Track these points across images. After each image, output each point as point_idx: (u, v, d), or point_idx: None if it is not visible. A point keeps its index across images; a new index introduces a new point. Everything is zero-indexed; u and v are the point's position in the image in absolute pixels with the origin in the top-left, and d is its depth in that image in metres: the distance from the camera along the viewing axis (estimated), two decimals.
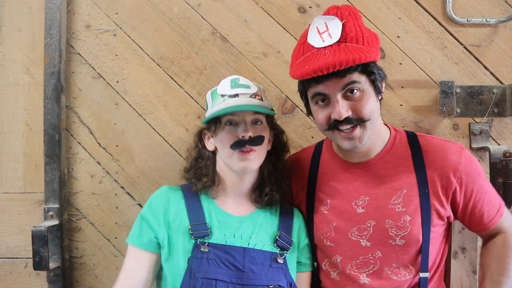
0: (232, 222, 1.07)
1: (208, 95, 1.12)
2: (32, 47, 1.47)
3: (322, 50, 0.94)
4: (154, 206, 1.09)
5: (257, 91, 1.08)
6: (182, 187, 1.15)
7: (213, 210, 1.09)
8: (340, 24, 0.94)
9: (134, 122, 1.47)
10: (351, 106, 0.96)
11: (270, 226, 1.11)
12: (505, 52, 1.43)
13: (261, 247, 1.05)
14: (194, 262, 1.00)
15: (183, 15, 1.47)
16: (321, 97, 0.99)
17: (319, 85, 0.96)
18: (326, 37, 0.94)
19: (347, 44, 0.93)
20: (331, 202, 1.11)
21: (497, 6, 1.43)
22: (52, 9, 1.42)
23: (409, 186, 1.04)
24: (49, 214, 1.40)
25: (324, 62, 0.90)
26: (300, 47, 1.01)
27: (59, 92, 1.42)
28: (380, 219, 1.04)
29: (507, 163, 1.32)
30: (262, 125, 1.07)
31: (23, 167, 1.46)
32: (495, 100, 1.41)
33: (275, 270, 1.03)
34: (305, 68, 0.93)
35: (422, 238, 1.02)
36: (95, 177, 1.47)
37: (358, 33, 0.94)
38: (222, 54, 1.46)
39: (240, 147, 1.02)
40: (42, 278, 1.43)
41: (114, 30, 1.48)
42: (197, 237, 1.02)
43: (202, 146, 1.14)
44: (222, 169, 1.11)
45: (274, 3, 1.46)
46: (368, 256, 1.06)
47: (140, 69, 1.47)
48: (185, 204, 1.08)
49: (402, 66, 1.44)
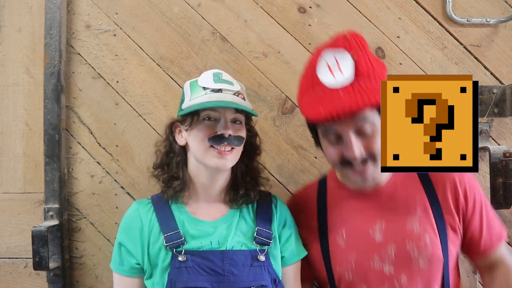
0: (206, 228, 1.04)
1: (187, 86, 1.07)
2: (32, 47, 1.47)
3: (336, 92, 0.92)
4: (128, 229, 1.06)
5: (239, 90, 1.05)
6: (152, 198, 1.11)
7: (185, 218, 1.05)
8: (351, 60, 0.93)
9: (134, 122, 1.47)
10: (364, 143, 0.95)
11: (247, 223, 1.07)
12: (505, 52, 1.43)
13: (240, 247, 1.02)
14: (173, 272, 0.98)
15: (183, 15, 1.47)
16: (333, 136, 0.98)
17: (332, 125, 0.95)
18: (337, 74, 0.93)
19: (360, 83, 0.91)
20: (346, 232, 1.07)
21: (497, 6, 1.43)
22: (52, 9, 1.42)
23: (422, 204, 1.03)
24: (49, 214, 1.40)
25: (340, 107, 0.89)
26: (308, 79, 0.99)
27: (59, 92, 1.42)
28: (400, 241, 1.01)
29: (507, 163, 1.32)
30: (241, 125, 1.05)
31: (23, 167, 1.46)
32: (495, 100, 1.41)
33: (257, 268, 1.00)
34: (320, 112, 0.91)
35: (443, 258, 1.00)
36: (95, 177, 1.47)
37: (369, 68, 0.93)
38: (222, 54, 1.46)
39: (218, 143, 0.98)
40: (42, 278, 1.43)
41: (114, 30, 1.48)
42: (172, 248, 0.99)
43: (172, 139, 1.09)
44: (193, 169, 1.07)
45: (274, 3, 1.46)
46: (394, 283, 1.01)
47: (140, 69, 1.47)
48: (156, 217, 1.05)
49: (402, 66, 1.44)
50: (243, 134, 1.05)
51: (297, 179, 1.44)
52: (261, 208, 1.10)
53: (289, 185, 1.45)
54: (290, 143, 1.45)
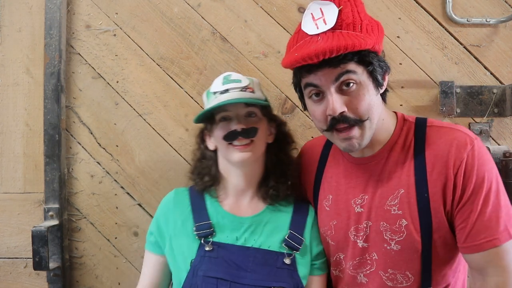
0: (235, 223, 1.06)
1: (204, 96, 1.13)
2: (32, 47, 1.47)
3: (315, 37, 0.86)
4: (157, 216, 1.13)
5: (248, 84, 1.06)
6: (190, 188, 1.15)
7: (215, 210, 1.08)
8: (337, 10, 0.86)
9: (134, 122, 1.47)
10: (347, 101, 0.87)
11: (280, 224, 1.07)
12: (505, 52, 1.43)
13: (267, 247, 1.03)
14: (197, 260, 1.00)
15: (183, 15, 1.47)
16: (315, 90, 0.90)
17: (311, 75, 0.88)
18: (320, 24, 0.86)
19: (342, 31, 0.85)
20: (333, 198, 1.05)
21: (497, 6, 1.43)
22: (52, 9, 1.42)
23: (406, 186, 0.93)
24: (49, 214, 1.40)
25: (314, 49, 0.82)
26: (294, 36, 0.94)
27: (59, 92, 1.42)
28: (375, 221, 0.96)
29: (507, 163, 1.32)
30: (257, 117, 1.05)
31: (23, 167, 1.46)
32: (495, 100, 1.41)
33: (280, 271, 1.01)
34: (295, 56, 0.86)
35: (421, 247, 0.91)
36: (95, 177, 1.47)
37: (356, 19, 0.86)
38: (222, 54, 1.46)
39: (232, 139, 1.01)
40: (42, 278, 1.43)
41: (114, 30, 1.48)
42: (201, 237, 1.03)
43: (204, 147, 1.14)
44: (224, 167, 1.11)
45: (274, 3, 1.46)
46: (366, 258, 0.99)
47: (140, 69, 1.47)
48: (190, 205, 1.10)
49: (402, 66, 1.44)
50: (258, 125, 1.05)
51: None
52: (297, 213, 1.11)
53: None
54: None
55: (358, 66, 0.87)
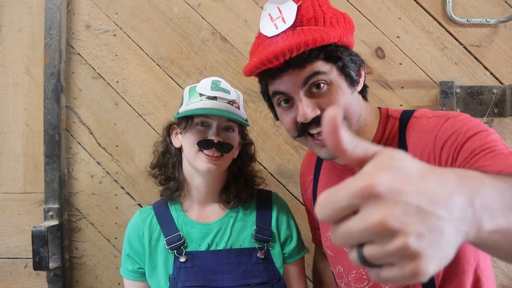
0: (203, 231, 1.07)
1: (186, 90, 1.10)
2: (32, 47, 1.47)
3: (274, 39, 0.78)
4: (130, 239, 1.09)
5: (235, 99, 1.07)
6: (153, 204, 1.14)
7: (183, 221, 1.08)
8: (295, 6, 0.78)
9: (134, 122, 1.47)
10: (319, 103, 0.78)
11: (246, 222, 1.09)
12: (505, 52, 1.43)
13: (239, 246, 1.05)
14: (175, 273, 1.01)
15: (183, 15, 1.47)
16: (283, 97, 0.81)
17: (276, 81, 0.80)
18: (279, 23, 0.78)
19: (303, 28, 0.77)
20: None
21: (497, 6, 1.43)
22: (52, 9, 1.42)
23: None
24: (49, 214, 1.40)
25: (272, 50, 0.73)
26: (255, 41, 0.86)
27: (59, 92, 1.42)
28: None
29: None
30: (234, 133, 1.06)
31: (23, 167, 1.46)
32: (495, 100, 1.41)
33: (256, 266, 1.03)
34: (253, 61, 0.77)
35: None
36: (95, 177, 1.47)
37: (317, 13, 0.78)
38: (222, 54, 1.46)
39: (207, 147, 1.00)
40: (42, 278, 1.43)
41: (114, 30, 1.48)
42: (174, 249, 1.03)
43: (169, 141, 1.12)
44: (187, 171, 1.09)
45: None
46: (360, 271, 0.93)
47: (140, 69, 1.47)
48: (157, 221, 1.09)
49: (402, 66, 1.44)
50: (233, 142, 1.05)
51: (297, 179, 1.43)
52: (261, 207, 1.12)
53: (289, 185, 1.45)
54: (290, 143, 1.45)
55: (326, 64, 0.77)
